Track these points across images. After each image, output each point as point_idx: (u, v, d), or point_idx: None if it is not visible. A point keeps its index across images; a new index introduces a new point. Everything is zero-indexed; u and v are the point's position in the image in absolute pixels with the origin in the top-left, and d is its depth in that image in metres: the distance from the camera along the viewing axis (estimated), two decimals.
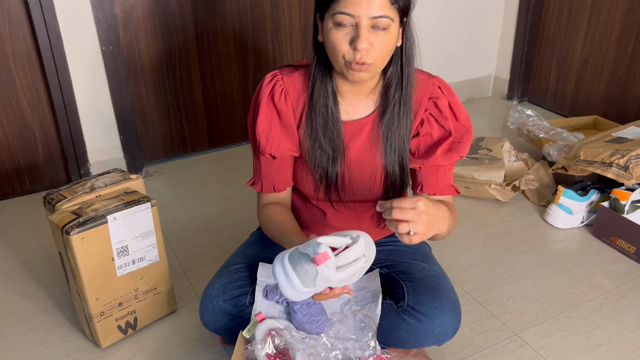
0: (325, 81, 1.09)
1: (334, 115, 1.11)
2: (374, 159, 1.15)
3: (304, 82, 1.12)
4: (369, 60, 0.99)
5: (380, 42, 0.98)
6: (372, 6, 0.95)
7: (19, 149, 2.04)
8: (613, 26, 2.39)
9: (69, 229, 1.18)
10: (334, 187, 1.16)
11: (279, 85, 1.12)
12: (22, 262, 1.69)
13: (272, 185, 1.19)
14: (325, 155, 1.13)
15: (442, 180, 1.18)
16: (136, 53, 2.09)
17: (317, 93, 1.09)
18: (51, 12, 1.85)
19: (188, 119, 2.30)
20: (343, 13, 0.96)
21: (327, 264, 0.85)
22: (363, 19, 0.95)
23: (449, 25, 2.67)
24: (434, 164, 1.15)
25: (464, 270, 1.62)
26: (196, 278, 1.60)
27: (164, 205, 1.99)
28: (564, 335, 1.37)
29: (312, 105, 1.10)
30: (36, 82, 1.97)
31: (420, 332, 1.11)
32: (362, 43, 0.96)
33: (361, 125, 1.13)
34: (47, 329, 1.42)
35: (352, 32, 0.97)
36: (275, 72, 1.14)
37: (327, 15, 1.00)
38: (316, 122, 1.11)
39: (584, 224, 1.81)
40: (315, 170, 1.15)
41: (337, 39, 0.98)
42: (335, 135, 1.12)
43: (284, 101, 1.12)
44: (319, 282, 0.89)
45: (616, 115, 2.46)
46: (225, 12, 2.18)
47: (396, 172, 1.15)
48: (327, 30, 1.00)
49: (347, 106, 1.13)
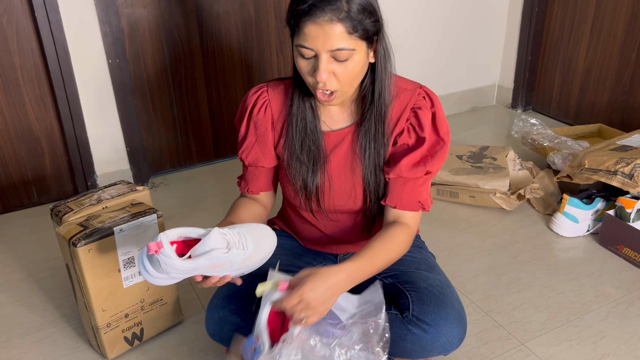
0: (304, 95, 1.12)
1: (312, 128, 1.14)
2: (354, 169, 1.17)
3: (287, 94, 1.16)
4: (333, 88, 1.01)
5: (342, 71, 1.00)
6: (328, 40, 0.96)
7: (26, 161, 2.06)
8: (616, 34, 2.39)
9: (76, 241, 1.19)
10: (314, 196, 1.19)
11: (262, 97, 1.16)
12: (30, 274, 1.70)
13: (247, 187, 1.25)
14: (304, 167, 1.16)
15: (408, 195, 1.15)
16: (142, 66, 2.11)
17: (295, 106, 1.13)
18: (59, 27, 1.88)
19: (194, 130, 2.31)
20: (303, 47, 0.98)
21: (162, 251, 0.92)
22: (322, 53, 0.97)
23: (452, 35, 2.68)
24: (399, 175, 1.14)
25: (469, 279, 1.62)
26: (202, 289, 1.61)
27: (170, 216, 2.00)
28: (571, 345, 1.37)
29: (291, 119, 1.14)
30: (44, 95, 2.00)
31: (425, 343, 1.11)
32: (322, 74, 0.98)
33: (343, 135, 1.15)
34: (54, 341, 1.43)
35: (314, 62, 0.99)
36: (262, 84, 1.18)
37: (293, 42, 1.02)
38: (293, 136, 1.14)
39: (589, 233, 1.81)
40: (295, 182, 1.18)
41: (302, 67, 1.02)
42: (315, 147, 1.14)
43: (262, 114, 1.16)
44: (167, 269, 0.94)
45: (621, 123, 2.46)
46: (230, 25, 2.20)
47: (372, 183, 1.17)
48: (295, 56, 1.03)
49: (327, 118, 1.16)
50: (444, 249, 1.76)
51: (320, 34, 0.95)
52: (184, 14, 2.11)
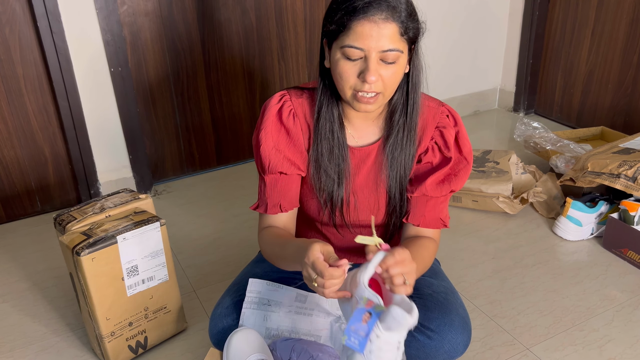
0: (332, 106, 1.08)
1: (339, 141, 1.10)
2: (379, 184, 1.14)
3: (311, 105, 1.11)
4: (378, 90, 0.98)
5: (388, 73, 0.98)
6: (382, 40, 0.94)
7: (30, 170, 2.06)
8: (618, 37, 2.39)
9: (79, 249, 1.19)
10: (339, 211, 1.15)
11: (287, 105, 1.11)
12: (34, 283, 1.71)
13: (279, 204, 1.14)
14: (330, 180, 1.12)
15: (430, 212, 1.15)
16: (144, 74, 2.12)
17: (323, 118, 1.09)
18: (61, 37, 1.89)
19: (196, 137, 2.32)
20: (352, 47, 0.95)
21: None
22: (372, 53, 0.95)
23: (453, 39, 2.69)
24: (423, 194, 1.13)
25: (473, 284, 1.61)
26: (206, 296, 1.61)
27: (173, 223, 2.00)
28: (576, 349, 1.36)
29: (318, 131, 1.09)
30: (47, 104, 2.00)
31: (430, 349, 1.10)
32: (372, 76, 0.96)
33: (368, 151, 1.13)
34: (59, 350, 1.43)
35: (361, 64, 0.97)
36: (283, 92, 1.13)
37: (335, 45, 0.99)
38: (322, 147, 1.10)
39: (593, 236, 1.80)
40: (320, 195, 1.14)
41: (346, 70, 0.98)
42: (341, 161, 1.11)
43: (292, 121, 1.11)
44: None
45: (623, 126, 2.46)
46: (232, 32, 2.21)
47: (397, 199, 1.14)
48: (334, 60, 0.99)
49: (354, 131, 1.12)
50: (448, 253, 1.76)
51: (374, 32, 0.94)
52: (185, 22, 2.12)
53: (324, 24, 1.01)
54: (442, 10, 2.59)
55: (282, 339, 1.13)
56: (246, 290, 1.16)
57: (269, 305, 1.15)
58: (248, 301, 1.15)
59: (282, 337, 1.14)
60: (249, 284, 1.16)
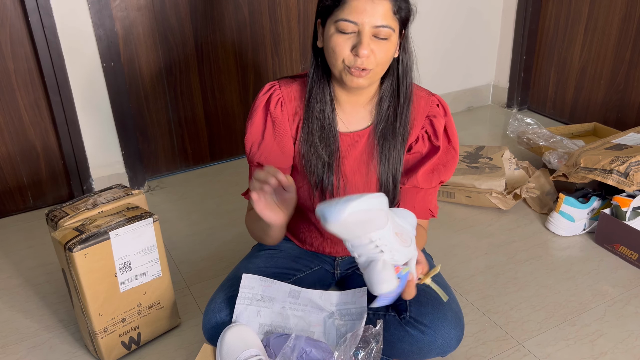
0: (323, 87, 1.11)
1: (330, 122, 1.12)
2: (369, 170, 1.16)
3: (301, 92, 1.14)
4: (370, 66, 1.01)
5: (380, 50, 1.00)
6: (375, 15, 0.97)
7: (21, 165, 2.05)
8: (610, 33, 2.40)
9: (72, 245, 1.19)
10: (330, 195, 1.17)
11: (275, 94, 1.14)
12: (25, 279, 1.70)
13: None
14: (321, 160, 1.13)
15: (420, 203, 1.18)
16: (137, 69, 2.11)
17: (314, 98, 1.11)
18: (52, 31, 1.87)
19: (189, 133, 2.31)
20: (346, 20, 0.98)
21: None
22: (366, 27, 0.98)
23: (447, 35, 2.69)
24: (414, 185, 1.15)
25: (466, 279, 1.62)
26: (199, 292, 1.60)
27: (166, 219, 1.99)
28: (568, 344, 1.37)
29: (310, 110, 1.12)
30: (38, 99, 1.99)
31: (423, 344, 1.11)
32: (364, 49, 0.98)
33: (357, 137, 1.14)
34: (51, 346, 1.43)
35: (354, 38, 1.00)
36: (273, 82, 1.16)
37: (329, 21, 1.02)
38: (313, 127, 1.12)
39: (586, 231, 1.81)
40: (311, 177, 1.16)
41: (339, 43, 1.00)
42: (331, 141, 1.13)
43: (279, 110, 1.13)
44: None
45: (616, 122, 2.47)
46: (225, 27, 2.20)
47: (390, 186, 1.16)
48: (328, 35, 1.02)
49: (344, 117, 1.14)
50: (441, 249, 1.76)
51: (368, 7, 0.97)
52: (178, 17, 2.10)
53: (320, 1, 1.05)
54: (435, 6, 2.58)
55: (275, 334, 1.13)
56: (240, 285, 1.16)
57: (262, 300, 1.15)
58: (242, 296, 1.14)
59: (275, 333, 1.14)
60: (243, 279, 1.16)
